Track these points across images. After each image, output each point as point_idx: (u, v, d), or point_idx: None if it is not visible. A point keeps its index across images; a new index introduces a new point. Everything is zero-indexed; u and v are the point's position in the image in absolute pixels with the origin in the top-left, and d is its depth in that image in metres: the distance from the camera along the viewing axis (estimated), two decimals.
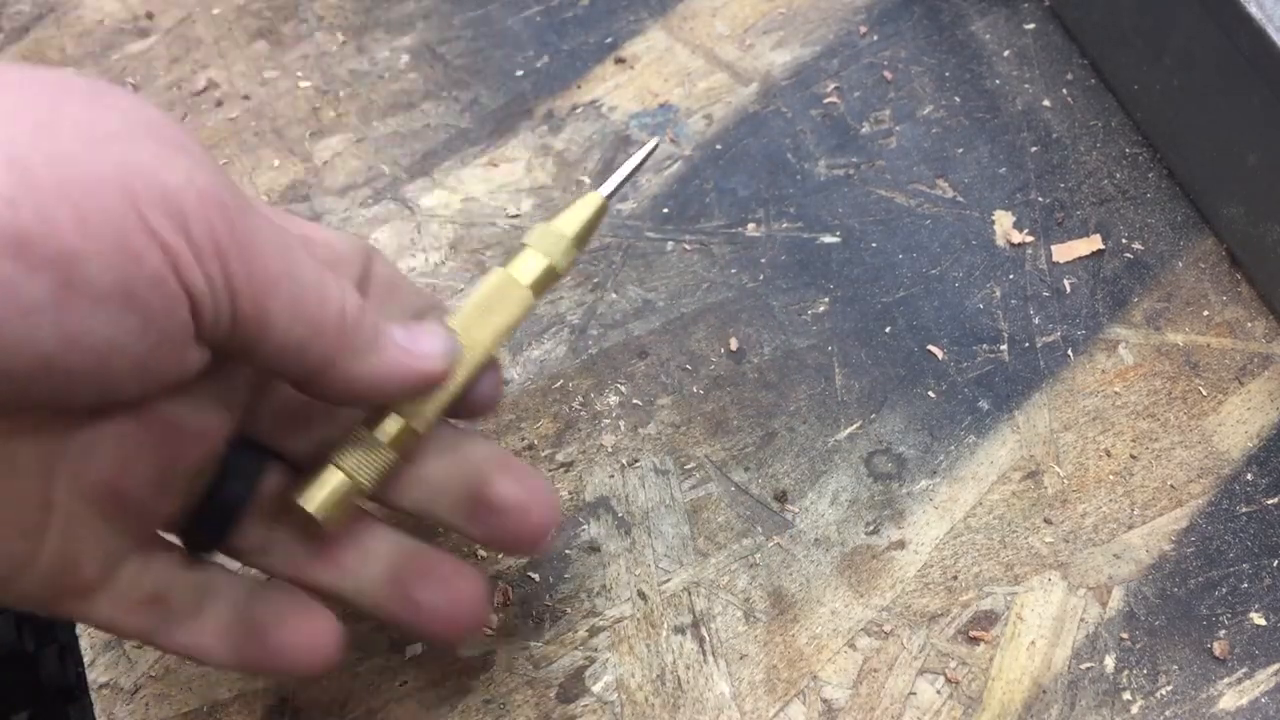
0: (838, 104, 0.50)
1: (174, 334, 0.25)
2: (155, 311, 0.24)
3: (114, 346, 0.24)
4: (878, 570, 0.40)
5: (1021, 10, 0.53)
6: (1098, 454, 0.42)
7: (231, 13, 0.53)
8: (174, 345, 0.25)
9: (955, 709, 0.37)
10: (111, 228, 0.23)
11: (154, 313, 0.24)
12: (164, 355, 0.25)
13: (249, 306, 0.26)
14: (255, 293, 0.26)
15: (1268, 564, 0.40)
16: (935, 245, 0.47)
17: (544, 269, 0.33)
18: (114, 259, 0.23)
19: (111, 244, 0.23)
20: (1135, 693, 0.38)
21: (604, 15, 0.53)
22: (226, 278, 0.25)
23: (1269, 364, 0.44)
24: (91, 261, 0.23)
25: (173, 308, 0.24)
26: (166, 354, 0.25)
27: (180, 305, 0.25)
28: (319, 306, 0.27)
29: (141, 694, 0.38)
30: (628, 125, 0.50)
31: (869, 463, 0.42)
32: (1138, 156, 0.49)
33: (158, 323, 0.24)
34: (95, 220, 0.23)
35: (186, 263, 0.24)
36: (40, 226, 0.22)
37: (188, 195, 0.24)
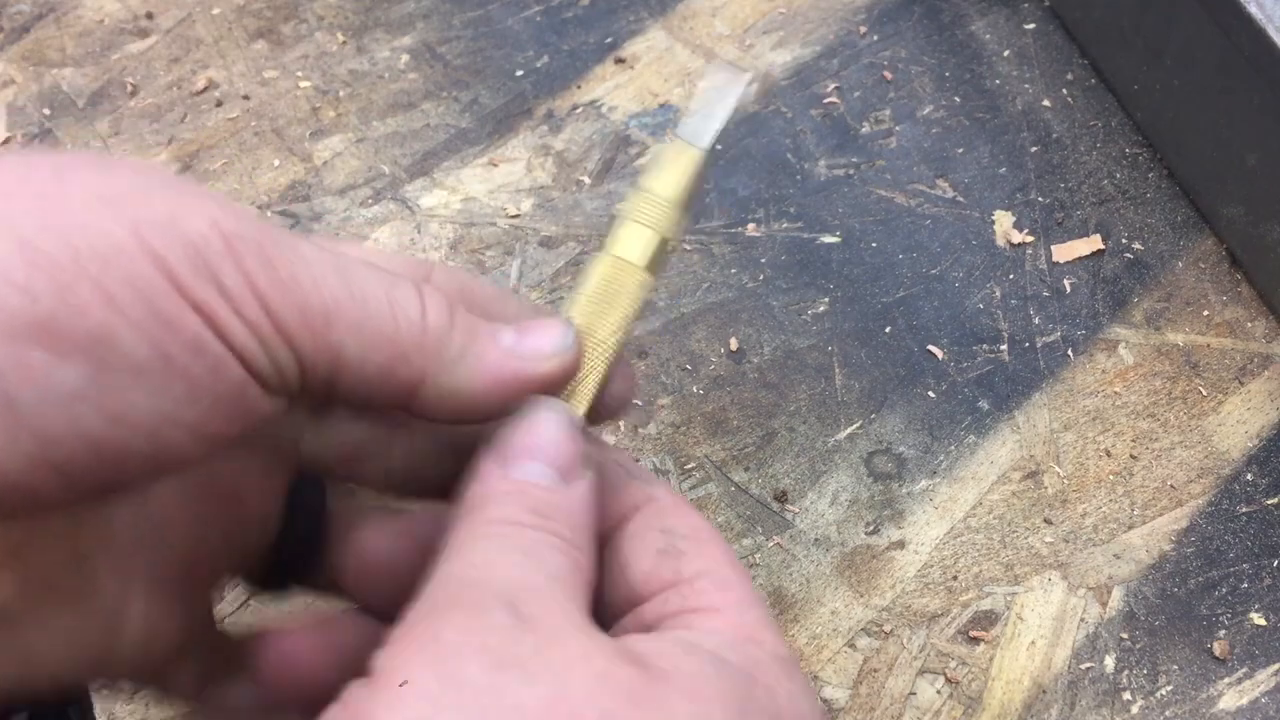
0: (838, 104, 0.50)
1: (229, 393, 0.23)
2: (200, 376, 0.23)
3: (163, 418, 0.23)
4: (878, 570, 0.40)
5: (1021, 10, 0.53)
6: (1098, 454, 0.42)
7: (231, 13, 0.53)
8: (234, 402, 0.24)
9: (955, 709, 0.37)
10: (138, 295, 0.22)
11: (199, 377, 0.23)
12: (224, 415, 0.24)
13: (309, 344, 0.24)
14: (311, 327, 0.24)
15: (1268, 564, 0.40)
16: (935, 245, 0.47)
17: (656, 245, 0.28)
18: (147, 329, 0.22)
19: (142, 313, 0.22)
20: (1135, 693, 0.38)
21: (604, 15, 0.53)
22: (273, 321, 0.23)
23: (1269, 364, 0.44)
24: (124, 336, 0.22)
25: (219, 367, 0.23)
26: (232, 414, 0.24)
27: (227, 364, 0.23)
28: (392, 319, 0.25)
29: (142, 694, 0.38)
30: (627, 125, 0.50)
31: (869, 463, 0.42)
32: (1138, 156, 0.49)
33: (206, 386, 0.23)
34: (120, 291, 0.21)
35: (224, 318, 0.22)
36: (64, 309, 0.21)
37: (213, 242, 0.23)
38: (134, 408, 0.22)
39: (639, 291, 0.28)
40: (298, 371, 0.24)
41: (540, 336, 0.27)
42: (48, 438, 0.21)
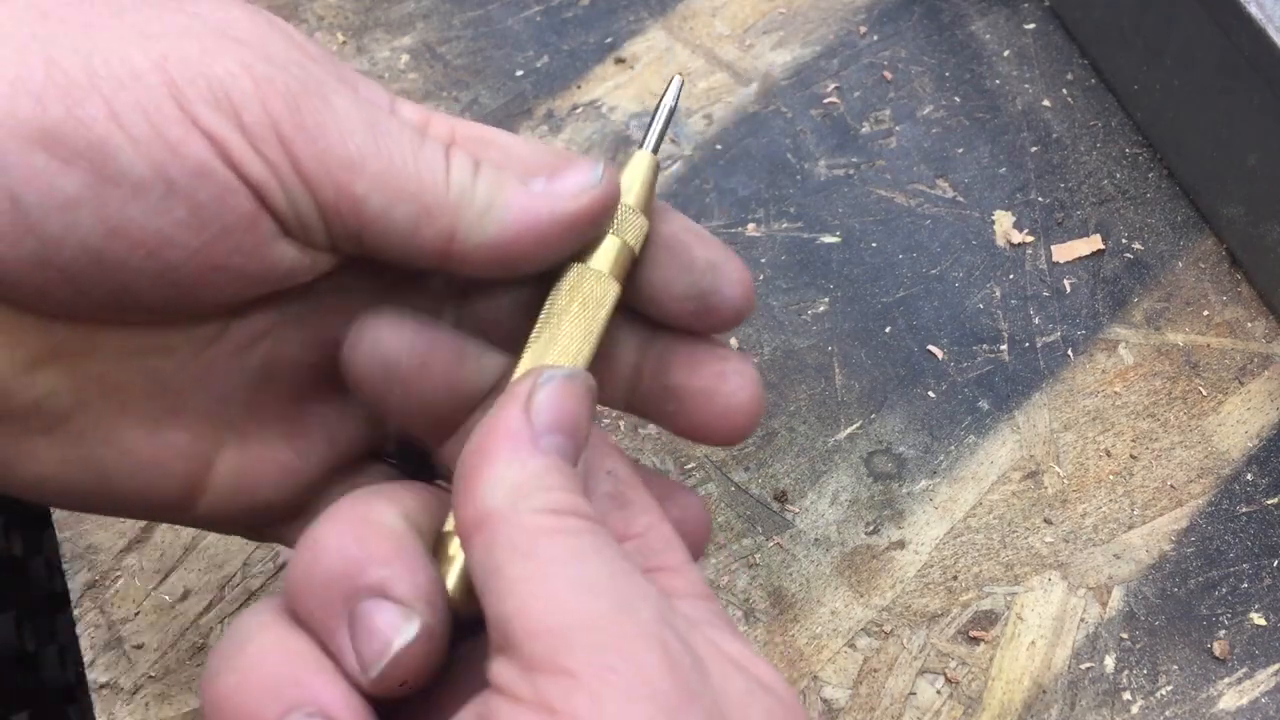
0: (838, 104, 0.50)
1: (240, 226, 0.24)
2: (205, 201, 0.23)
3: (164, 238, 0.23)
4: (878, 570, 0.40)
5: (1021, 10, 0.53)
6: (1098, 454, 0.42)
7: None
8: (248, 239, 0.24)
9: (955, 709, 0.37)
10: (144, 117, 0.23)
11: (203, 202, 0.23)
12: (240, 249, 0.24)
13: (331, 192, 0.24)
14: (334, 176, 0.24)
15: (1268, 564, 0.40)
16: (935, 245, 0.47)
17: (617, 249, 0.28)
18: (149, 148, 0.23)
19: (145, 132, 0.23)
20: (1135, 693, 0.38)
21: (604, 15, 0.53)
22: (294, 163, 0.24)
23: (1269, 364, 0.44)
24: (124, 151, 0.23)
25: (227, 197, 0.23)
26: (243, 248, 0.24)
27: (237, 195, 0.24)
28: (416, 176, 0.25)
29: (141, 694, 0.38)
30: (628, 125, 0.50)
31: (869, 463, 0.42)
32: (1138, 156, 0.49)
33: (212, 213, 0.24)
34: (126, 111, 0.22)
35: (238, 150, 0.23)
36: (69, 119, 0.22)
37: (239, 83, 0.23)
38: (131, 222, 0.23)
39: (608, 303, 0.28)
40: (319, 220, 0.25)
41: (568, 177, 0.27)
42: (49, 239, 0.23)
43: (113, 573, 0.40)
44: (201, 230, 0.24)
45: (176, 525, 0.34)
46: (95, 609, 0.39)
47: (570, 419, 0.24)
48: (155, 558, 0.40)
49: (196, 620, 0.39)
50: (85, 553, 0.40)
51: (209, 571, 0.40)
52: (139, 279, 0.24)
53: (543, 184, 0.26)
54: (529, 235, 0.26)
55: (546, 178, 0.27)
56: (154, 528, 0.41)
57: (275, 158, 0.24)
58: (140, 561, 0.40)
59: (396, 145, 0.25)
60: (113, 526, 0.41)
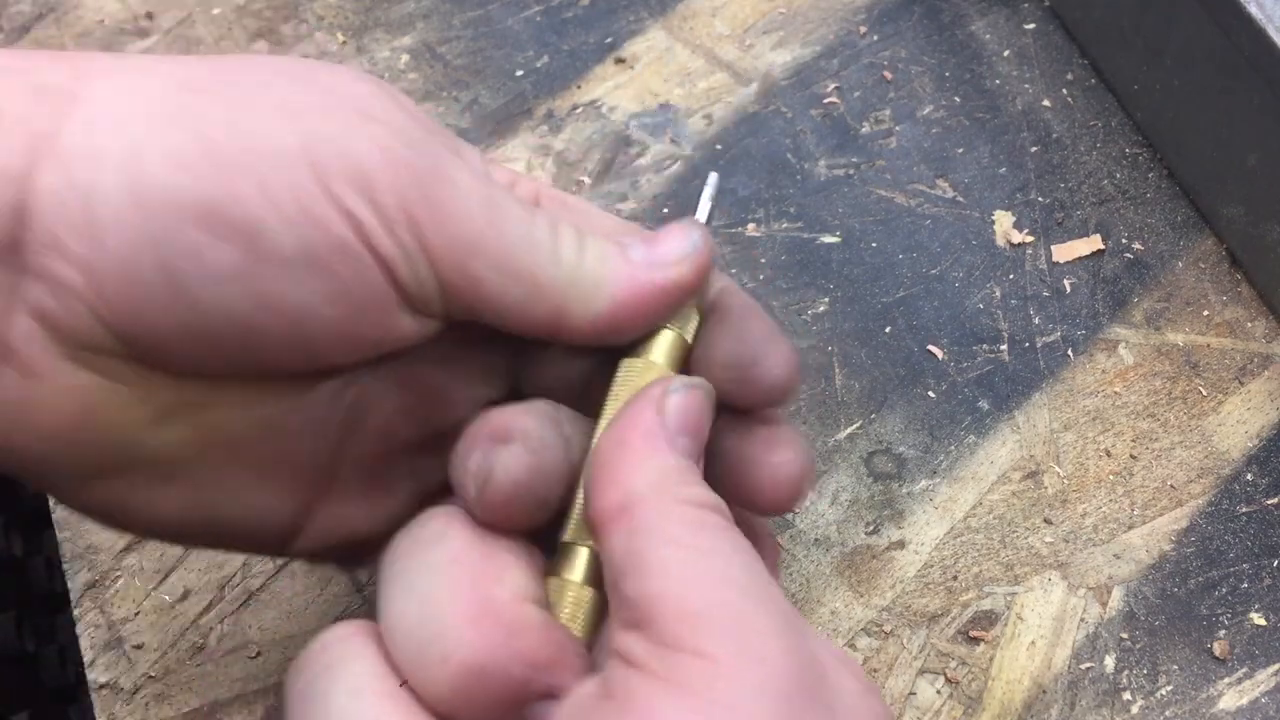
0: (838, 104, 0.50)
1: (372, 299, 0.25)
2: (345, 277, 0.25)
3: (306, 310, 0.25)
4: (878, 570, 0.40)
5: (1021, 10, 0.53)
6: (1098, 454, 0.42)
7: (231, 13, 0.53)
8: (376, 311, 0.26)
9: (955, 709, 0.37)
10: (293, 196, 0.24)
11: (343, 278, 0.25)
12: (368, 320, 0.26)
13: (452, 271, 0.25)
14: (456, 256, 0.25)
15: (1268, 564, 0.40)
16: (935, 245, 0.47)
17: (672, 342, 0.29)
18: (297, 226, 0.24)
19: (294, 211, 0.24)
20: (1135, 693, 0.38)
21: (604, 15, 0.53)
22: (421, 243, 0.25)
23: (1269, 364, 0.44)
24: (275, 228, 0.24)
25: (363, 273, 0.25)
26: (370, 319, 0.26)
27: (371, 271, 0.25)
28: (530, 255, 0.26)
29: (141, 694, 0.38)
30: (628, 125, 0.50)
31: (869, 463, 0.42)
32: (1138, 156, 0.49)
33: (350, 287, 0.25)
34: (277, 189, 0.24)
35: (374, 230, 0.24)
36: (225, 196, 0.23)
37: (374, 163, 0.24)
38: (279, 296, 0.24)
39: None
40: (439, 294, 0.26)
41: (667, 244, 0.28)
42: (200, 310, 0.24)
43: (113, 573, 0.40)
44: (339, 303, 0.25)
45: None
46: (95, 609, 0.39)
47: (696, 423, 0.26)
48: (155, 558, 0.40)
49: (196, 620, 0.39)
50: (85, 553, 0.40)
51: (209, 571, 0.40)
52: (276, 345, 0.25)
53: (642, 252, 0.28)
54: (635, 307, 0.27)
55: (645, 245, 0.28)
56: None
57: (405, 237, 0.25)
58: (140, 561, 0.40)
59: (511, 225, 0.26)
60: None
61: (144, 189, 0.23)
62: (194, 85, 0.25)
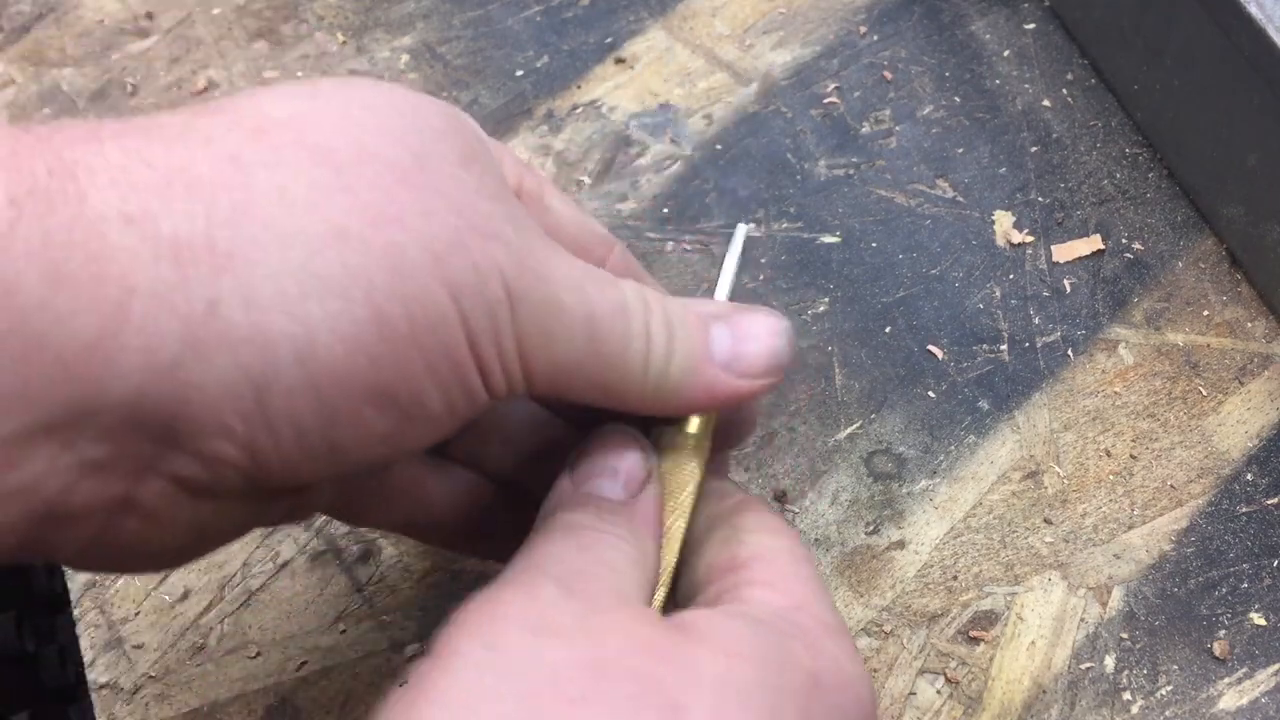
0: (838, 104, 0.50)
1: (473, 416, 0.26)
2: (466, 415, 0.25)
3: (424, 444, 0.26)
4: (878, 570, 0.40)
5: (1021, 10, 0.53)
6: (1098, 454, 0.42)
7: (231, 13, 0.53)
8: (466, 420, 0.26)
9: (955, 709, 0.37)
10: (450, 364, 0.24)
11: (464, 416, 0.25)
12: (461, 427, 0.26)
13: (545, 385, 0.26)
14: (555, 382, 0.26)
15: (1268, 564, 0.40)
16: (935, 245, 0.47)
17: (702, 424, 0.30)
18: (448, 390, 0.24)
19: (449, 378, 0.24)
20: (1135, 693, 0.38)
21: (604, 15, 0.53)
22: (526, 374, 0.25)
23: (1269, 364, 0.44)
24: (431, 398, 0.24)
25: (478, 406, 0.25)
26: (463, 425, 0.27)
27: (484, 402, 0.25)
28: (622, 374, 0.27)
29: (141, 694, 0.38)
30: (628, 125, 0.50)
31: (869, 463, 0.42)
32: (1138, 156, 0.49)
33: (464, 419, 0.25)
34: (438, 361, 0.24)
35: (493, 372, 0.25)
36: (397, 378, 0.23)
37: (502, 303, 0.24)
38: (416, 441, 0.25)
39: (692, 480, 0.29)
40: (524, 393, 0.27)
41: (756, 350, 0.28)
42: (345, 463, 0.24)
43: None
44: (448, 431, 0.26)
45: None
46: (95, 609, 0.39)
47: None
48: None
49: (196, 620, 0.39)
50: None
51: (209, 571, 0.40)
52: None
53: (728, 351, 0.28)
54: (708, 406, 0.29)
55: (732, 341, 0.28)
56: None
57: (514, 372, 0.25)
58: None
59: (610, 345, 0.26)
60: None
61: (320, 376, 0.22)
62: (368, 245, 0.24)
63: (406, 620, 0.39)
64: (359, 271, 0.22)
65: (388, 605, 0.40)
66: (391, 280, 0.22)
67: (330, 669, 0.38)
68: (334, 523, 0.41)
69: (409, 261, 0.23)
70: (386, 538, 0.41)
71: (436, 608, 0.39)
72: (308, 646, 0.39)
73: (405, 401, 0.23)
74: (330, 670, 0.38)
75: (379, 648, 0.39)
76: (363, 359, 0.22)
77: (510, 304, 0.24)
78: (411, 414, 0.24)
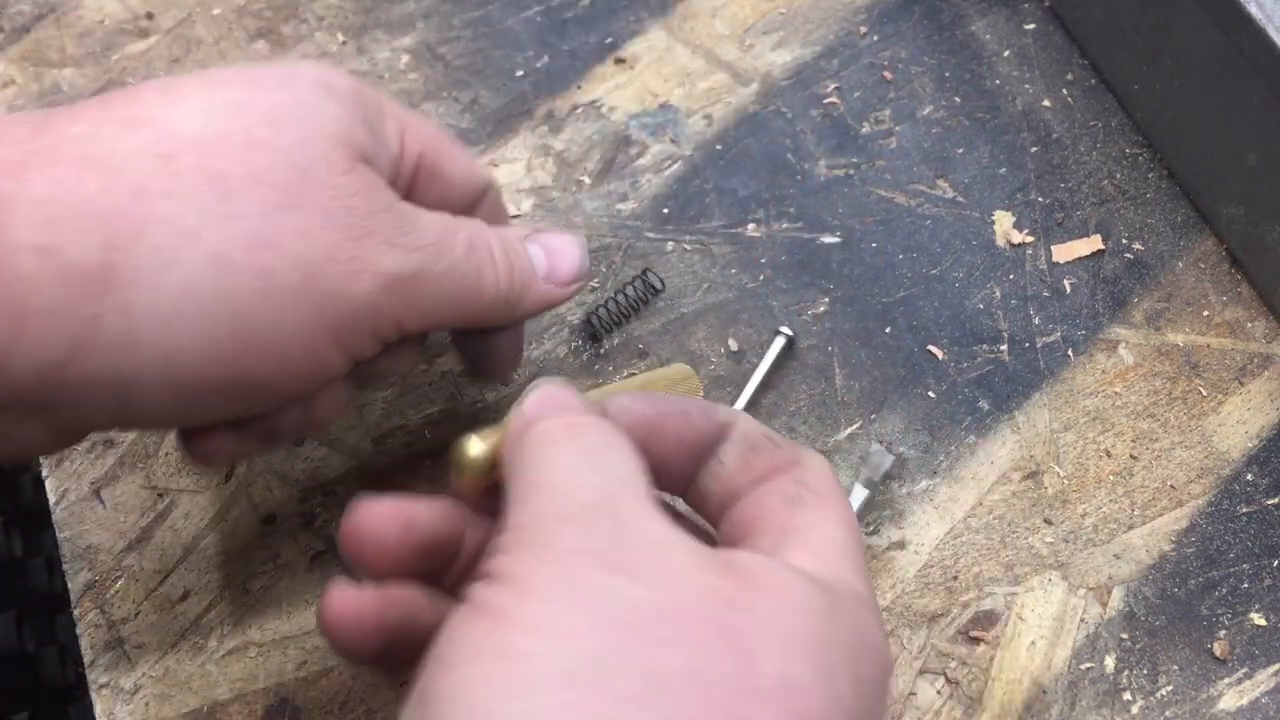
0: (838, 104, 0.50)
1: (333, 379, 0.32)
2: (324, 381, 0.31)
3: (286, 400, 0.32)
4: (878, 570, 0.40)
5: (1021, 10, 0.53)
6: (1098, 454, 0.42)
7: (231, 13, 0.53)
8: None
9: (955, 709, 0.37)
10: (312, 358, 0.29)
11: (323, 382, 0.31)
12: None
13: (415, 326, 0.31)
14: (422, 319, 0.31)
15: (1268, 564, 0.40)
16: (935, 245, 0.47)
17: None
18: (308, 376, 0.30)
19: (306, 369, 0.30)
20: (1135, 693, 0.38)
21: (604, 15, 0.53)
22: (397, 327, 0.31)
23: (1269, 364, 0.44)
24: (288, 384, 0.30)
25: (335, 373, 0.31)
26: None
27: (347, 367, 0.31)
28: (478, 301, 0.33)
29: (141, 694, 0.38)
30: (628, 125, 0.50)
31: (869, 463, 0.42)
32: (1138, 156, 0.49)
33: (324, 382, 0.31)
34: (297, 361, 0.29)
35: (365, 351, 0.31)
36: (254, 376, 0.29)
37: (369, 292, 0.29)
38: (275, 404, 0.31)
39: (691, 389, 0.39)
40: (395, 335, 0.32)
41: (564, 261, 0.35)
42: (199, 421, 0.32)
43: (113, 573, 0.40)
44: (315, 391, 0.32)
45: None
46: (95, 609, 0.39)
47: None
48: (155, 558, 0.40)
49: (197, 620, 0.39)
50: (85, 553, 0.40)
51: (209, 571, 0.40)
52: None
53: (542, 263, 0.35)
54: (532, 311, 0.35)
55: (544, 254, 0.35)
56: (154, 528, 0.41)
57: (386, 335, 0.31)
58: (140, 561, 0.40)
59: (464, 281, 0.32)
60: (112, 527, 0.41)
61: (180, 375, 0.27)
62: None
63: None
64: (228, 293, 0.27)
65: None
66: (257, 301, 0.27)
67: (330, 669, 0.38)
68: (334, 523, 0.41)
69: (278, 282, 0.27)
70: None
71: None
72: (308, 646, 0.39)
73: (259, 390, 0.29)
74: (330, 670, 0.38)
75: None
76: (220, 364, 0.27)
77: (381, 291, 0.29)
78: (264, 398, 0.29)
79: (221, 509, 0.41)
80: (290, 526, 0.41)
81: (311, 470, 0.42)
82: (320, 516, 0.41)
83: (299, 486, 0.42)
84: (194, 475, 0.42)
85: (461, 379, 0.44)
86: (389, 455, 0.42)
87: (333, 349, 0.29)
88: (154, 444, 0.43)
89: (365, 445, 0.43)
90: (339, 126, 0.29)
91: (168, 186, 0.26)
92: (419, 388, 0.44)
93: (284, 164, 0.28)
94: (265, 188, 0.27)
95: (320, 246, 0.28)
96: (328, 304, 0.28)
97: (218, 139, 0.27)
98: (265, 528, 0.41)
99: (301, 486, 0.42)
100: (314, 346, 0.29)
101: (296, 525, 0.41)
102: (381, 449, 0.43)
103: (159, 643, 0.39)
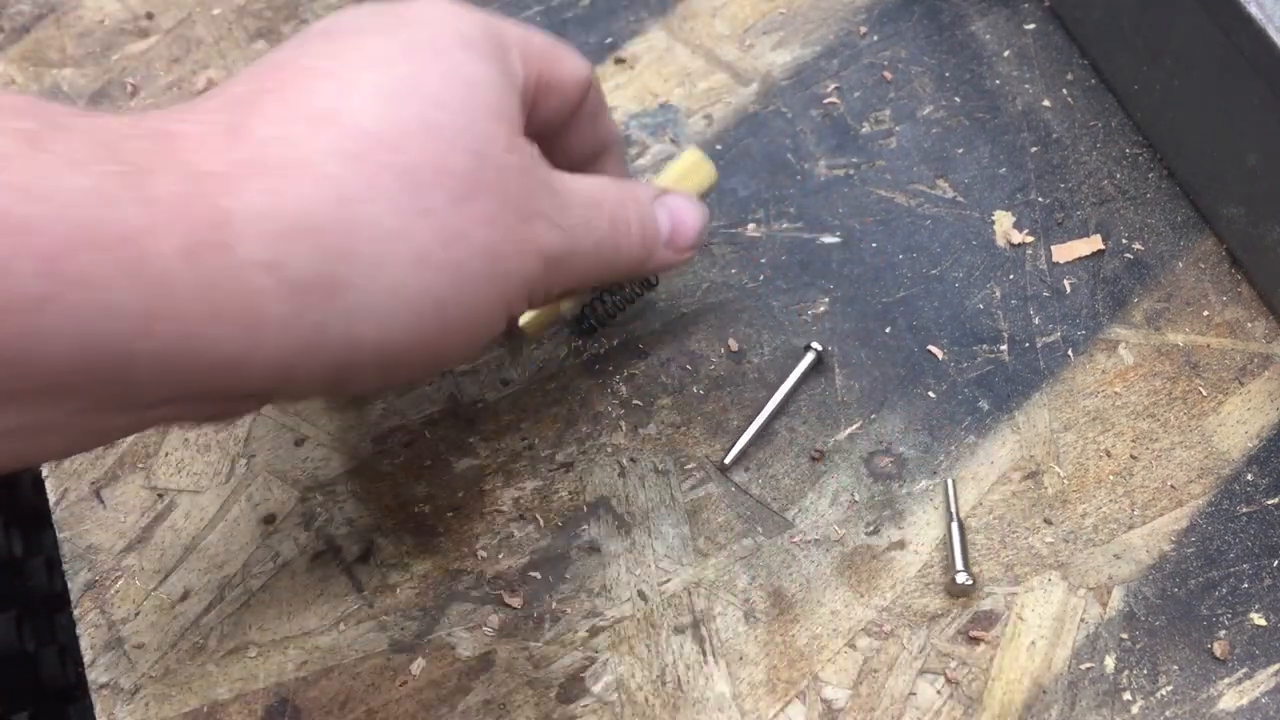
0: (838, 104, 0.50)
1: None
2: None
3: None
4: (878, 570, 0.40)
5: (1021, 10, 0.53)
6: (1098, 454, 0.42)
7: (231, 13, 0.53)
8: None
9: (955, 709, 0.37)
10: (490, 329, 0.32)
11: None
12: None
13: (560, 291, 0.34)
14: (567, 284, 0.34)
15: (1268, 564, 0.40)
16: (935, 245, 0.47)
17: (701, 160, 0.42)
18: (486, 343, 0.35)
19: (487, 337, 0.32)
20: (1135, 693, 0.38)
21: (604, 15, 0.53)
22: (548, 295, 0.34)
23: (1269, 364, 0.44)
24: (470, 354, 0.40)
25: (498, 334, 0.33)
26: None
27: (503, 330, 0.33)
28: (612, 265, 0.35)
29: (141, 694, 0.38)
30: (628, 125, 0.50)
31: (869, 463, 0.42)
32: (1138, 156, 0.49)
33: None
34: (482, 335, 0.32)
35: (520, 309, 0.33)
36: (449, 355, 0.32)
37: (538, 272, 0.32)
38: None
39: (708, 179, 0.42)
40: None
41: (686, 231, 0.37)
42: None
43: (113, 573, 0.40)
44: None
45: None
46: (95, 609, 0.39)
47: None
48: (155, 558, 0.40)
49: (197, 620, 0.39)
50: (85, 553, 0.40)
51: (209, 571, 0.40)
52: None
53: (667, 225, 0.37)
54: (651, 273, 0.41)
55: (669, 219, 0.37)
56: (154, 528, 0.41)
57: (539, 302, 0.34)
58: (140, 561, 0.40)
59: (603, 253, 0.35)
60: (112, 526, 0.41)
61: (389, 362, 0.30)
62: None
63: (406, 620, 0.39)
64: (430, 288, 0.29)
65: (387, 605, 0.40)
66: (453, 290, 0.29)
67: (330, 669, 0.38)
68: (334, 523, 0.41)
69: (468, 270, 0.29)
70: (386, 537, 0.41)
71: (436, 608, 0.39)
72: (308, 646, 0.39)
73: (448, 360, 0.33)
74: (330, 670, 0.38)
75: (379, 648, 0.39)
76: (425, 351, 0.30)
77: (545, 269, 0.32)
78: (450, 364, 0.36)
79: (221, 509, 0.41)
80: (290, 526, 0.41)
81: (311, 470, 0.42)
82: (320, 516, 0.41)
83: (299, 486, 0.42)
84: (194, 475, 0.42)
85: (462, 379, 0.44)
86: (389, 455, 0.42)
87: (504, 319, 0.32)
88: (154, 444, 0.43)
89: (365, 445, 0.43)
90: (494, 95, 0.31)
91: (366, 190, 0.27)
92: (419, 387, 0.44)
93: (460, 149, 0.29)
94: (448, 176, 0.29)
95: (499, 231, 0.30)
96: (507, 284, 0.31)
97: (399, 131, 0.28)
98: (265, 528, 0.41)
99: (301, 486, 0.42)
100: (494, 320, 0.31)
101: (296, 525, 0.41)
102: (381, 449, 0.43)
103: (159, 643, 0.39)
